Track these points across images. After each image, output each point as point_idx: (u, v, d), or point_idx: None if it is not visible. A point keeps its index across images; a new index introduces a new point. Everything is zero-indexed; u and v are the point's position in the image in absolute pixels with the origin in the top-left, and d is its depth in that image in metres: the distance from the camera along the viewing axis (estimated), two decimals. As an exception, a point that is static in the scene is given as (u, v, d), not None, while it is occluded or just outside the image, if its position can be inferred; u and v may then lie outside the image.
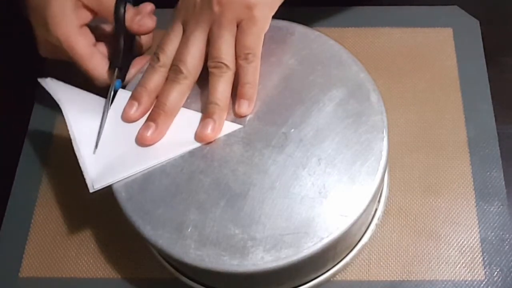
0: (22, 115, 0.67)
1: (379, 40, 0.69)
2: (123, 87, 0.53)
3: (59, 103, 0.51)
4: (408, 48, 0.68)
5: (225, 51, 0.50)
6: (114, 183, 0.48)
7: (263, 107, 0.51)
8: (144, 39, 0.57)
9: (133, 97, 0.51)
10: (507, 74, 0.68)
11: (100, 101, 0.52)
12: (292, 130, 0.49)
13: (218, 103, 0.50)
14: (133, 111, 0.51)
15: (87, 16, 0.54)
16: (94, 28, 0.56)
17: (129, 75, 0.54)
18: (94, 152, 0.50)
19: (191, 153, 0.49)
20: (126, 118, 0.51)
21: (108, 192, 0.49)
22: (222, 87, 0.50)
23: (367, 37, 0.70)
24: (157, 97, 0.51)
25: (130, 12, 0.54)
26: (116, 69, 0.53)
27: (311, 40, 0.54)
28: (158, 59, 0.52)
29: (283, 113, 0.50)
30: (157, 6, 0.55)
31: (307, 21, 0.55)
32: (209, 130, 0.49)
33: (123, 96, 0.52)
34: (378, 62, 0.68)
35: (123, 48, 0.53)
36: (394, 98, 0.65)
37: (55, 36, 0.52)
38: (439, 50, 0.68)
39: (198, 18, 0.51)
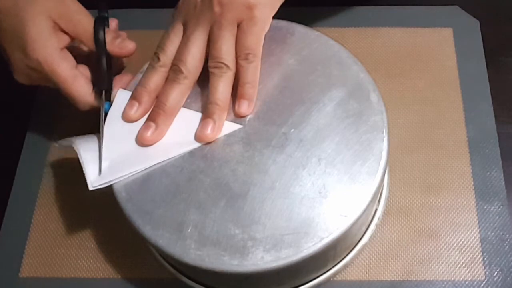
0: (22, 115, 0.67)
1: (379, 40, 0.69)
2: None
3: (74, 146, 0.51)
4: (408, 48, 0.68)
5: (226, 51, 0.50)
6: (114, 182, 0.48)
7: (263, 107, 0.51)
8: (119, 59, 0.57)
9: (133, 97, 0.51)
10: (507, 74, 0.68)
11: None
12: (292, 130, 0.49)
13: (218, 103, 0.50)
14: (134, 111, 0.51)
15: (65, 40, 0.53)
16: (71, 50, 0.54)
17: (113, 96, 0.53)
18: (95, 152, 0.50)
19: (191, 153, 0.49)
20: (126, 118, 0.51)
21: (108, 192, 0.49)
22: (222, 87, 0.50)
23: (367, 37, 0.69)
24: (157, 97, 0.51)
25: (109, 35, 0.53)
26: (104, 92, 0.53)
27: (311, 40, 0.54)
28: (158, 59, 0.52)
29: (283, 113, 0.50)
30: (157, 6, 0.55)
31: (307, 21, 0.55)
32: (209, 130, 0.49)
33: (123, 96, 0.52)
34: (378, 62, 0.68)
35: (106, 70, 0.53)
36: (394, 98, 0.65)
37: (36, 60, 0.51)
38: (439, 50, 0.68)
39: (198, 18, 0.51)
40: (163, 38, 0.53)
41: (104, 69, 0.53)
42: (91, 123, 0.52)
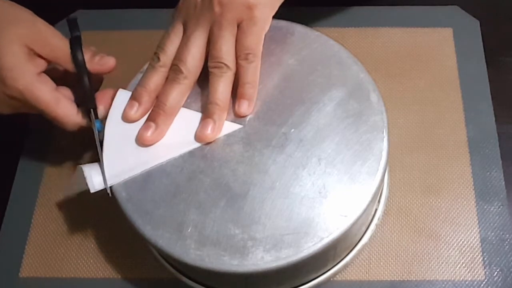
0: (22, 115, 0.67)
1: (379, 40, 0.69)
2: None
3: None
4: (408, 48, 0.68)
5: (226, 51, 0.50)
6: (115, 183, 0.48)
7: (263, 107, 0.51)
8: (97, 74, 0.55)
9: (133, 97, 0.51)
10: (507, 74, 0.68)
11: None
12: (292, 130, 0.49)
13: (218, 103, 0.50)
14: (134, 111, 0.51)
15: (42, 64, 0.52)
16: (48, 73, 0.53)
17: (100, 112, 0.52)
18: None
19: (191, 153, 0.49)
20: (126, 118, 0.51)
21: (108, 192, 0.49)
22: (222, 87, 0.50)
23: (367, 37, 0.70)
24: (157, 97, 0.51)
25: (87, 54, 0.53)
26: (91, 110, 0.52)
27: (311, 40, 0.54)
28: (158, 59, 0.51)
29: (283, 113, 0.50)
30: (157, 6, 0.55)
31: (307, 21, 0.55)
32: (209, 130, 0.49)
33: (123, 96, 0.52)
34: (378, 62, 0.68)
35: (90, 89, 0.52)
36: (394, 98, 0.65)
37: (16, 89, 0.50)
38: (439, 50, 0.68)
39: (198, 18, 0.51)
40: (163, 38, 0.53)
41: (88, 88, 0.52)
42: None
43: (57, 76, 0.54)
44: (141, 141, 0.50)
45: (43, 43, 0.51)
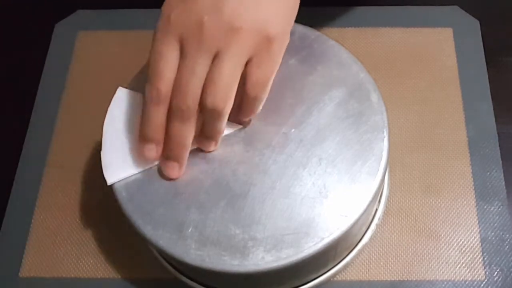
0: (22, 115, 0.67)
1: (379, 40, 0.69)
2: None
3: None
4: (408, 48, 0.68)
5: (229, 91, 0.44)
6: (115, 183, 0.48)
7: (264, 107, 0.51)
8: None
9: (145, 139, 0.47)
10: (507, 74, 0.68)
11: None
12: (293, 130, 0.49)
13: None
14: (154, 153, 0.47)
15: None
16: None
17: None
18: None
19: (191, 153, 0.49)
20: (147, 158, 0.48)
21: (108, 192, 0.49)
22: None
23: (367, 37, 0.70)
24: (166, 132, 0.46)
25: None
26: None
27: (311, 40, 0.54)
28: (157, 90, 0.44)
29: (283, 113, 0.50)
30: (157, 6, 0.55)
31: (307, 21, 0.54)
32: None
33: (122, 94, 0.52)
34: (378, 62, 0.68)
35: None
36: (394, 98, 0.65)
37: None
38: (439, 50, 0.68)
39: (202, 41, 0.43)
40: (155, 57, 0.45)
41: None
42: (91, 123, 0.52)
43: None
44: (168, 178, 0.48)
45: None
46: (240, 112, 0.48)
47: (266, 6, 0.44)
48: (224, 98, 0.44)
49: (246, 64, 0.44)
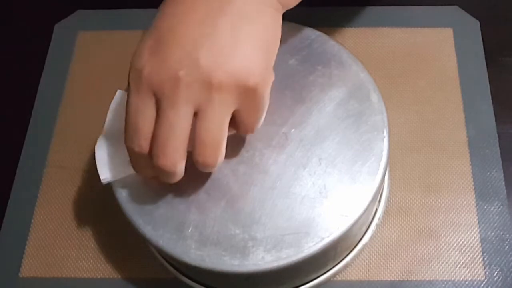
0: (22, 115, 0.67)
1: (379, 40, 0.69)
2: None
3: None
4: (408, 48, 0.68)
5: (217, 145, 0.42)
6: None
7: (264, 107, 0.51)
8: None
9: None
10: (507, 74, 0.68)
11: None
12: (293, 130, 0.49)
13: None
14: None
15: None
16: None
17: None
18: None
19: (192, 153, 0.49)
20: None
21: (108, 192, 0.49)
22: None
23: (367, 37, 0.70)
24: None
25: None
26: None
27: (311, 40, 0.54)
28: (139, 146, 0.42)
29: (283, 113, 0.50)
30: (157, 6, 0.55)
31: (307, 21, 0.54)
32: None
33: (121, 97, 0.52)
34: (378, 62, 0.68)
35: None
36: (394, 98, 0.65)
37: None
38: (439, 50, 0.68)
39: (180, 98, 0.40)
40: (132, 114, 0.42)
41: None
42: (91, 123, 0.52)
43: None
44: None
45: None
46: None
47: (243, 51, 0.41)
48: (215, 155, 0.42)
49: (233, 113, 0.42)
